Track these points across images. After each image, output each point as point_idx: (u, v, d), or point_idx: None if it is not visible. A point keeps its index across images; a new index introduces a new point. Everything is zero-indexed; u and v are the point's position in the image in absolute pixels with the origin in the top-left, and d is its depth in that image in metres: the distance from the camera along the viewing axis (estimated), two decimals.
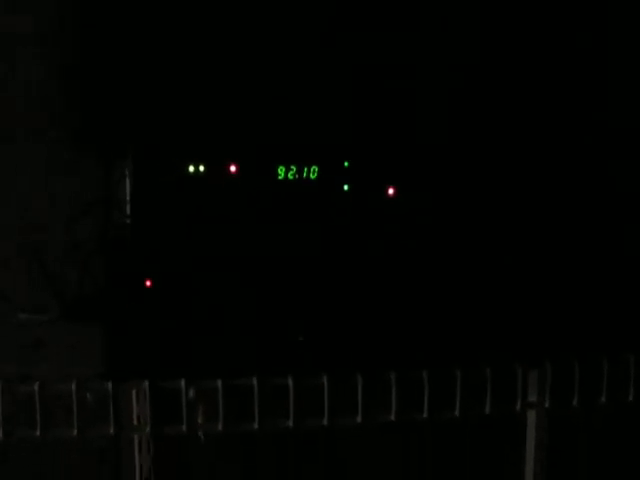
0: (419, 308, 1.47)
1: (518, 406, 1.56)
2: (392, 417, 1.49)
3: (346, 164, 1.44)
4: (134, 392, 1.50)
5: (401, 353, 1.47)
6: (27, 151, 1.56)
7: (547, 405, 1.57)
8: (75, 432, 1.40)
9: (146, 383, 1.41)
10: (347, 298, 1.44)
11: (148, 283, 1.38)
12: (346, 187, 1.45)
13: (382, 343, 1.46)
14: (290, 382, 1.43)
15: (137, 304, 1.38)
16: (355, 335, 1.44)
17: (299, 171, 1.43)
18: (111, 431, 1.42)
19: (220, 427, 1.44)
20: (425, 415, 1.50)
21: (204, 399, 1.47)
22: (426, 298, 1.47)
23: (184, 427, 1.44)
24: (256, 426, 1.45)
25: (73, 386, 1.40)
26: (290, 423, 1.46)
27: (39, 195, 1.57)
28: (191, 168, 1.41)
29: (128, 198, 1.44)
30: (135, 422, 1.55)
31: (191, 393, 1.45)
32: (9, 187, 1.56)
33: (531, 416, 1.73)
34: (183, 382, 1.42)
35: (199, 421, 1.49)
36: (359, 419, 1.48)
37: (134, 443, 1.66)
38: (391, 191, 1.46)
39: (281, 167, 1.42)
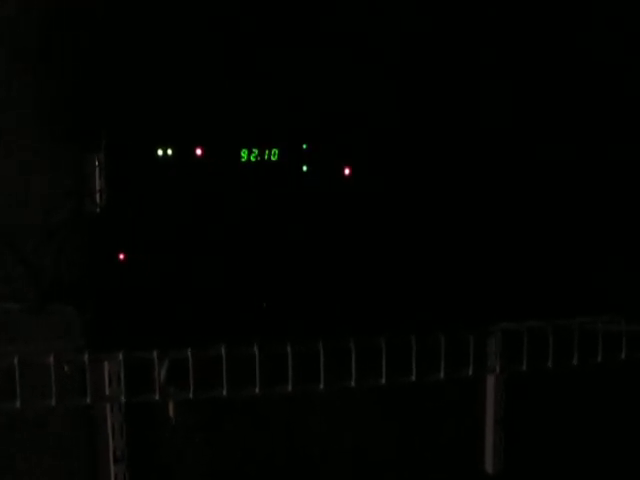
0: (376, 278, 1.57)
1: (470, 371, 1.65)
2: (352, 383, 1.58)
3: (304, 146, 1.54)
4: (106, 364, 1.57)
5: (362, 320, 1.56)
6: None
7: (497, 370, 1.67)
8: (53, 402, 1.48)
9: (120, 354, 1.49)
10: (307, 269, 1.54)
11: (122, 257, 1.46)
12: (305, 168, 1.55)
13: (341, 311, 1.55)
14: (256, 350, 1.52)
15: (111, 278, 1.47)
16: (315, 303, 1.54)
17: (261, 153, 1.52)
18: (88, 401, 1.50)
19: (191, 395, 1.52)
20: (383, 381, 1.59)
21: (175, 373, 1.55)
22: (382, 268, 1.57)
23: (156, 396, 1.52)
24: (224, 393, 1.53)
25: (51, 359, 1.48)
26: (257, 390, 1.54)
27: (14, 187, 1.64)
28: (160, 152, 1.50)
29: (99, 188, 1.53)
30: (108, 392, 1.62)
31: (165, 366, 1.52)
32: None
33: (490, 381, 1.82)
34: (155, 353, 1.50)
35: (171, 394, 1.55)
36: (322, 386, 1.56)
37: (107, 423, 1.73)
38: (347, 171, 1.56)
39: (244, 150, 1.52)
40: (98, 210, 1.54)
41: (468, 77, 1.63)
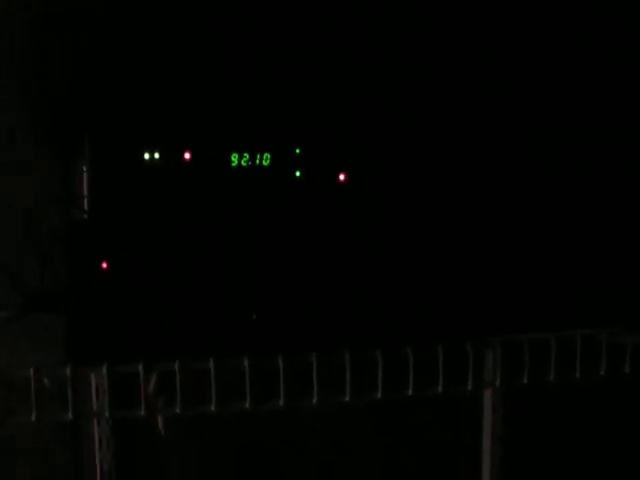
0: (371, 289, 1.51)
1: (469, 385, 1.59)
2: (347, 398, 1.52)
3: (298, 151, 1.48)
4: (92, 376, 1.51)
5: (356, 332, 1.50)
6: None
7: (497, 384, 1.61)
8: (33, 418, 1.41)
9: (104, 367, 1.43)
10: (300, 279, 1.48)
11: (105, 265, 1.40)
12: (298, 173, 1.49)
13: (335, 322, 1.50)
14: (246, 363, 1.46)
15: (95, 287, 1.41)
16: (308, 314, 1.48)
17: (252, 158, 1.47)
18: (70, 416, 1.43)
19: (178, 410, 1.46)
20: (379, 395, 1.53)
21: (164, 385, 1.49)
22: (378, 280, 1.51)
23: (142, 411, 1.46)
24: (213, 408, 1.47)
25: (31, 372, 1.41)
26: (247, 405, 1.48)
27: None
28: (146, 155, 1.44)
29: (86, 194, 1.47)
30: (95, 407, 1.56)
31: (153, 379, 1.46)
32: None
33: (487, 399, 1.77)
34: (141, 366, 1.44)
35: (158, 405, 1.50)
36: (314, 400, 1.51)
37: (94, 435, 1.67)
38: (342, 177, 1.50)
39: (234, 154, 1.46)
40: (85, 217, 1.47)
41: (468, 80, 1.57)
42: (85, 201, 1.48)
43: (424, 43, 1.55)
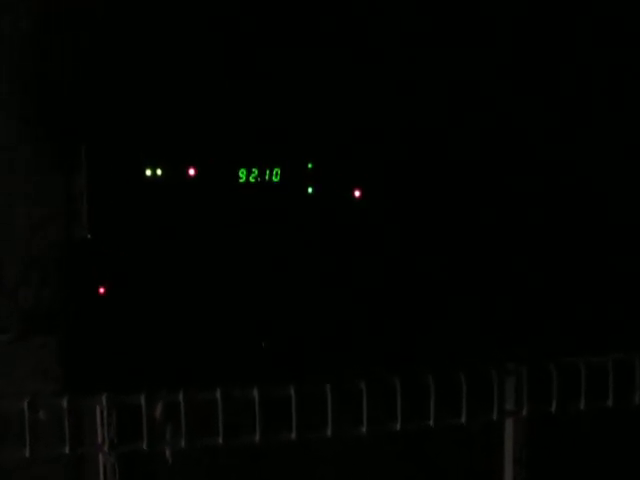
0: (389, 313, 1.42)
1: (495, 415, 1.49)
2: (363, 430, 1.43)
3: (310, 166, 1.39)
4: (98, 408, 1.42)
5: (372, 360, 1.41)
6: None
7: (525, 412, 1.51)
8: (27, 453, 1.33)
9: (104, 397, 1.34)
10: (312, 303, 1.39)
11: (105, 289, 1.31)
12: (310, 190, 1.40)
13: (349, 349, 1.41)
14: (255, 393, 1.37)
15: (93, 311, 1.32)
16: (321, 341, 1.39)
17: (261, 174, 1.38)
18: (66, 451, 1.34)
19: (183, 443, 1.37)
20: (398, 427, 1.44)
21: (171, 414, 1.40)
22: (396, 303, 1.42)
23: (144, 444, 1.36)
24: (220, 441, 1.37)
25: (25, 404, 1.32)
26: (257, 438, 1.39)
27: None
28: (148, 172, 1.35)
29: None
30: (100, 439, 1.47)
31: (159, 409, 1.38)
32: None
33: (508, 425, 1.67)
34: (143, 397, 1.35)
35: (167, 438, 1.41)
36: (329, 432, 1.41)
37: (99, 464, 1.58)
38: (358, 193, 1.41)
39: (242, 170, 1.37)
40: (89, 236, 1.38)
41: (487, 91, 1.47)
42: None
43: (447, 57, 1.45)
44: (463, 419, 1.47)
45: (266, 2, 1.38)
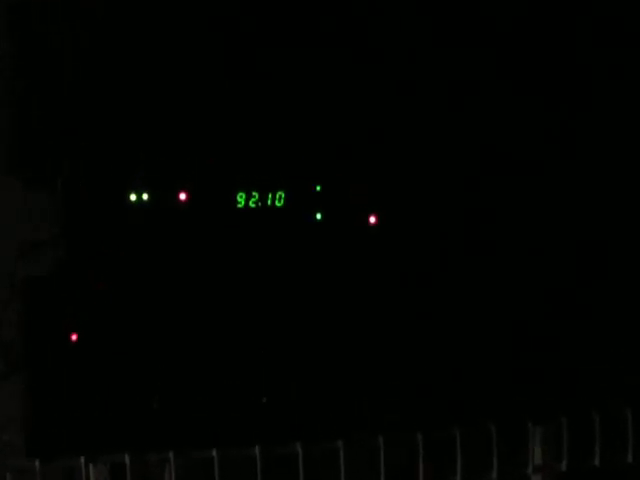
0: (409, 359, 1.28)
1: (530, 469, 1.34)
2: None
3: (318, 188, 1.29)
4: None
5: (388, 412, 1.27)
6: None
7: (563, 467, 1.35)
8: None
9: (81, 460, 1.18)
10: (321, 350, 1.25)
11: (73, 337, 1.16)
12: (319, 216, 1.28)
13: (365, 402, 1.27)
14: (257, 452, 1.21)
15: (62, 360, 1.17)
16: (331, 394, 1.25)
17: (262, 198, 1.27)
18: None
19: None
20: None
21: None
22: (418, 348, 1.28)
23: None
24: None
25: None
26: None
27: None
28: (132, 196, 1.22)
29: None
30: None
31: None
32: None
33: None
34: (127, 457, 1.18)
35: None
36: None
37: None
38: (373, 219, 1.29)
39: (241, 193, 1.26)
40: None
41: (505, 115, 1.36)
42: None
43: (463, 80, 1.32)
44: (494, 475, 1.32)
45: (270, 22, 1.26)
